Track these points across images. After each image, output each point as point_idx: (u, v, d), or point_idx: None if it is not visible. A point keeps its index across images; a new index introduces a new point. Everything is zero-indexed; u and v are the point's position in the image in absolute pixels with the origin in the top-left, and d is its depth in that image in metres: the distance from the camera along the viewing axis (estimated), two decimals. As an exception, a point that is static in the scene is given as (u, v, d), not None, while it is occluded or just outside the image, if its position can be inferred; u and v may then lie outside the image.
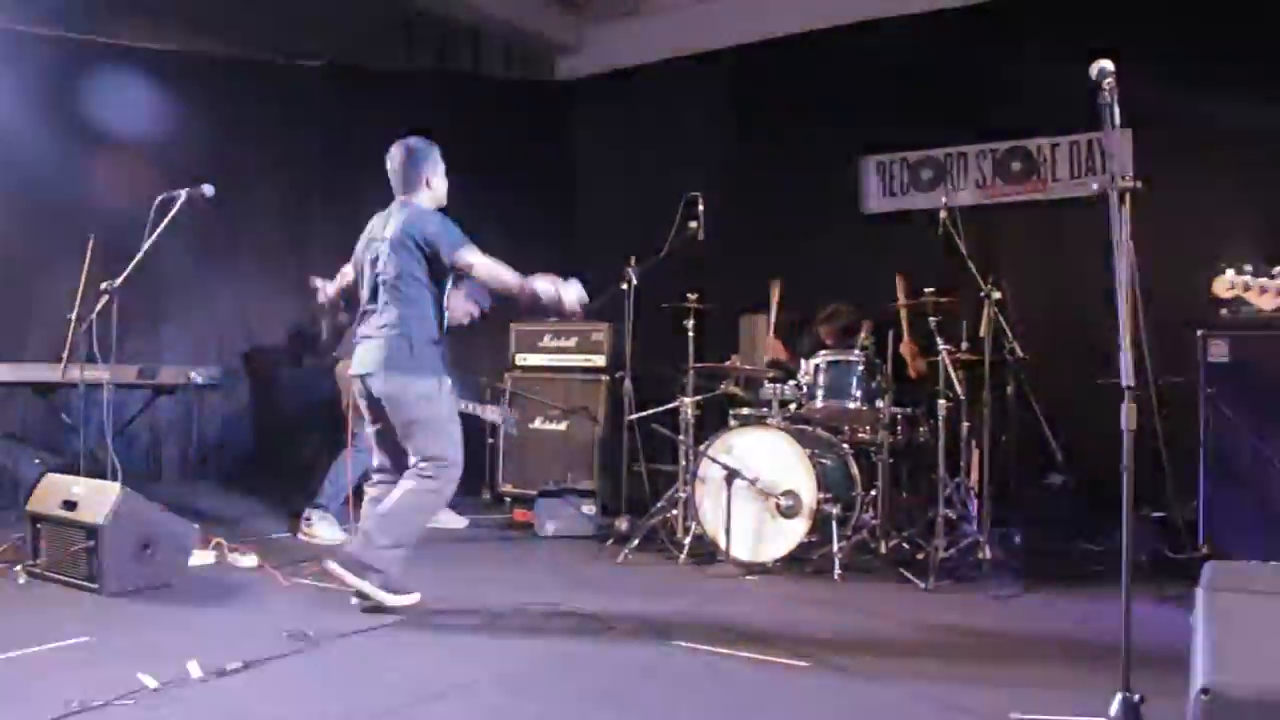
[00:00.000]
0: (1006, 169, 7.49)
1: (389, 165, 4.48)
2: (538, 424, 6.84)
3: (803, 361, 5.59)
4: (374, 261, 4.36)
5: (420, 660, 3.65)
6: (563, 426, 6.76)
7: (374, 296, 4.35)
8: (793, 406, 5.56)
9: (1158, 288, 5.04)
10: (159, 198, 4.99)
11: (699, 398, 5.75)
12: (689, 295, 5.81)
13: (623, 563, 5.35)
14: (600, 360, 6.77)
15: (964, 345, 5.40)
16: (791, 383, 5.57)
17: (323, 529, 5.84)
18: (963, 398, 5.27)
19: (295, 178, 7.83)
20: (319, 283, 4.78)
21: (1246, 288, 4.02)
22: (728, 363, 5.82)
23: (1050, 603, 4.66)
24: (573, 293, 4.25)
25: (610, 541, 5.68)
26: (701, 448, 5.38)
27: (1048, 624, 4.33)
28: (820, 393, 5.41)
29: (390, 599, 4.15)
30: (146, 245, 4.93)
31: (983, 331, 5.18)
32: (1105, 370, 5.67)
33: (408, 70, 8.44)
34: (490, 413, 6.54)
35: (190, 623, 4.07)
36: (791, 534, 5.10)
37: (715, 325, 6.35)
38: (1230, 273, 3.97)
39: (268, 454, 7.05)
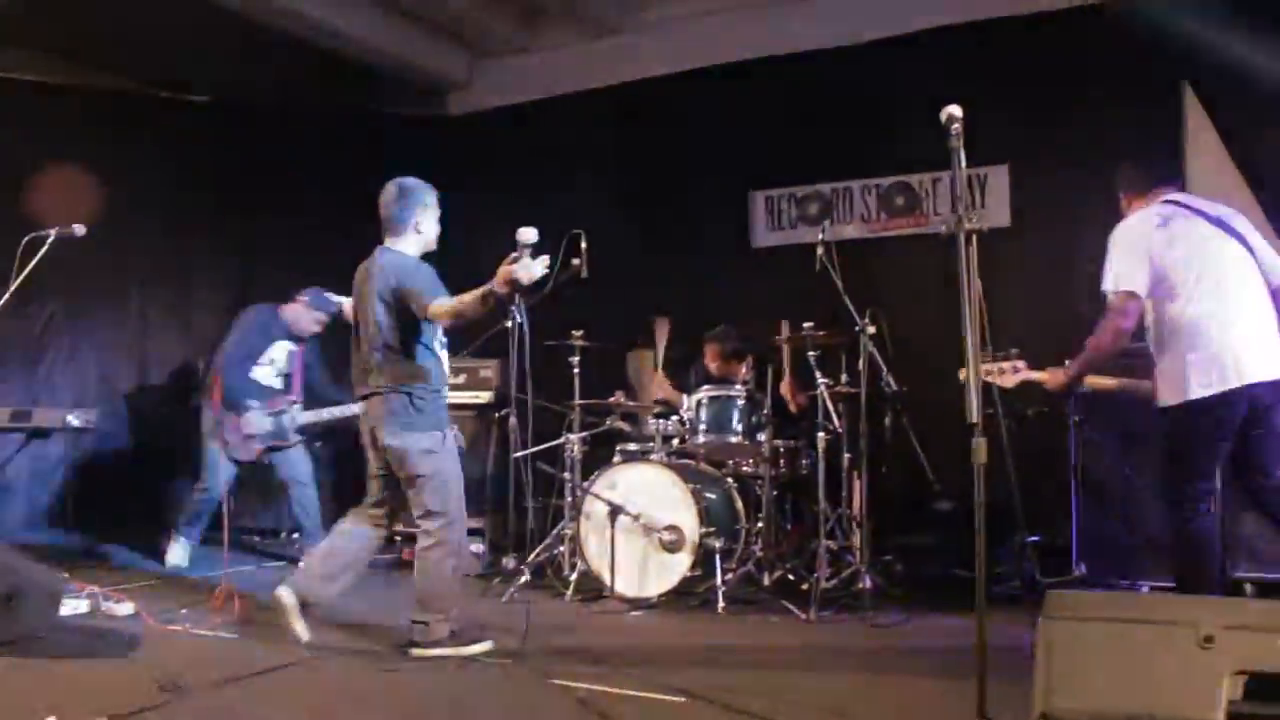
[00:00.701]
0: (890, 203, 7.69)
1: (380, 202, 4.49)
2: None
3: (685, 398, 5.66)
4: (362, 314, 4.38)
5: (298, 708, 3.59)
6: (453, 463, 6.71)
7: (369, 349, 4.33)
8: (676, 441, 5.62)
9: (1033, 318, 5.27)
10: (26, 237, 4.88)
11: (584, 434, 5.76)
12: (574, 332, 5.83)
13: (509, 601, 5.33)
14: (488, 396, 6.76)
15: (844, 379, 5.52)
16: (675, 418, 5.63)
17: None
18: (841, 430, 5.38)
19: (183, 216, 7.68)
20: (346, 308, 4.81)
21: (996, 376, 4.24)
22: (612, 399, 5.85)
23: (927, 630, 4.76)
24: (521, 269, 4.07)
25: (498, 579, 5.65)
26: (586, 484, 5.40)
27: (923, 651, 4.42)
28: (703, 427, 5.48)
29: (465, 651, 4.23)
30: (14, 285, 4.82)
31: (860, 365, 5.30)
32: (983, 401, 5.92)
33: (298, 106, 8.35)
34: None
35: (57, 676, 3.95)
36: (675, 568, 5.14)
37: (603, 361, 6.39)
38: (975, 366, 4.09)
39: (148, 497, 6.86)
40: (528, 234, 4.13)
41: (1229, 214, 4.17)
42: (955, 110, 3.18)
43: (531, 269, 4.05)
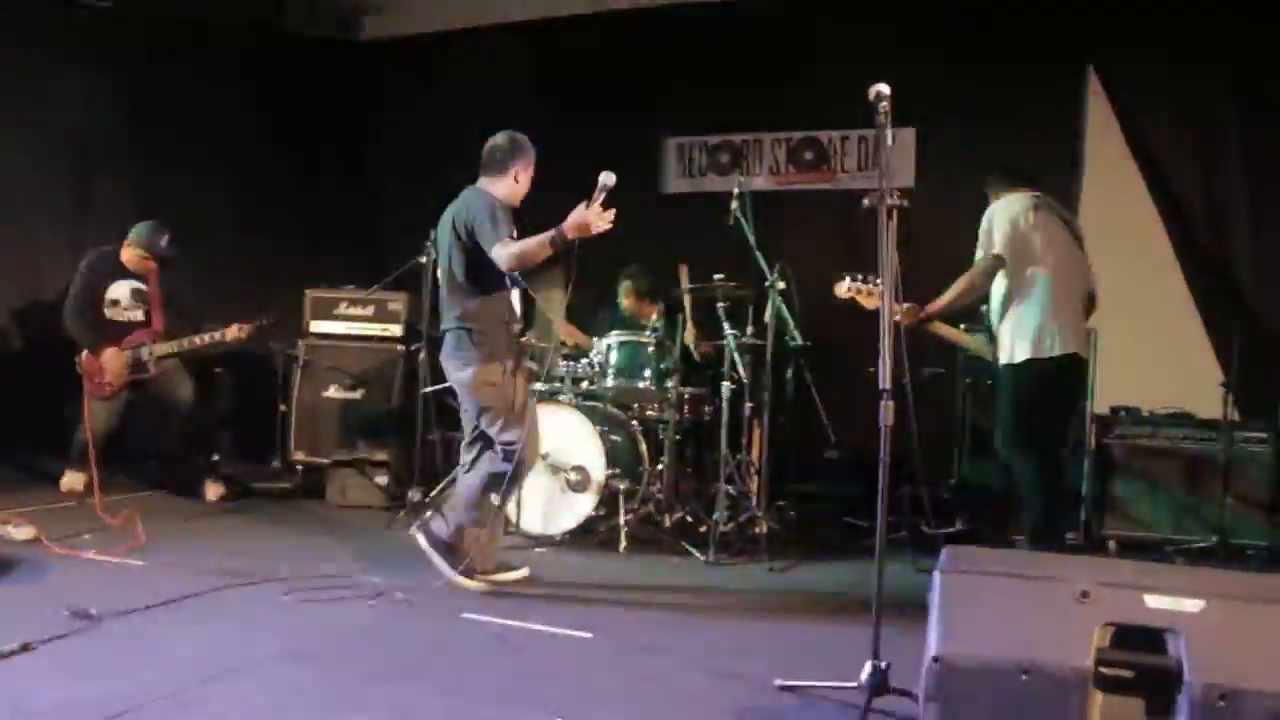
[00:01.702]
0: (800, 157, 7.86)
1: (488, 143, 4.54)
2: (331, 392, 6.76)
3: (595, 340, 5.76)
4: (442, 248, 4.48)
5: (209, 637, 3.60)
6: (357, 395, 6.71)
7: (442, 284, 4.47)
8: (585, 384, 5.72)
9: (933, 281, 5.49)
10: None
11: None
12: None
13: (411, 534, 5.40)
14: (397, 330, 6.74)
15: (749, 330, 5.68)
16: (584, 361, 5.73)
17: None
18: (745, 380, 5.56)
19: (83, 129, 7.39)
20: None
21: (858, 292, 4.72)
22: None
23: (819, 574, 5.01)
24: (596, 217, 4.13)
25: (403, 513, 5.71)
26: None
27: (816, 595, 4.67)
28: (612, 371, 5.59)
29: (464, 582, 4.32)
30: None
31: (766, 318, 5.46)
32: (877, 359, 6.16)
33: (204, 20, 8.06)
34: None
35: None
36: (580, 508, 5.28)
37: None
38: (846, 279, 4.71)
39: (44, 419, 6.69)
40: (608, 178, 4.15)
41: (1075, 221, 5.08)
42: (883, 88, 3.30)
43: (605, 218, 4.11)
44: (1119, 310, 6.39)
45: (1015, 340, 4.78)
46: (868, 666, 3.06)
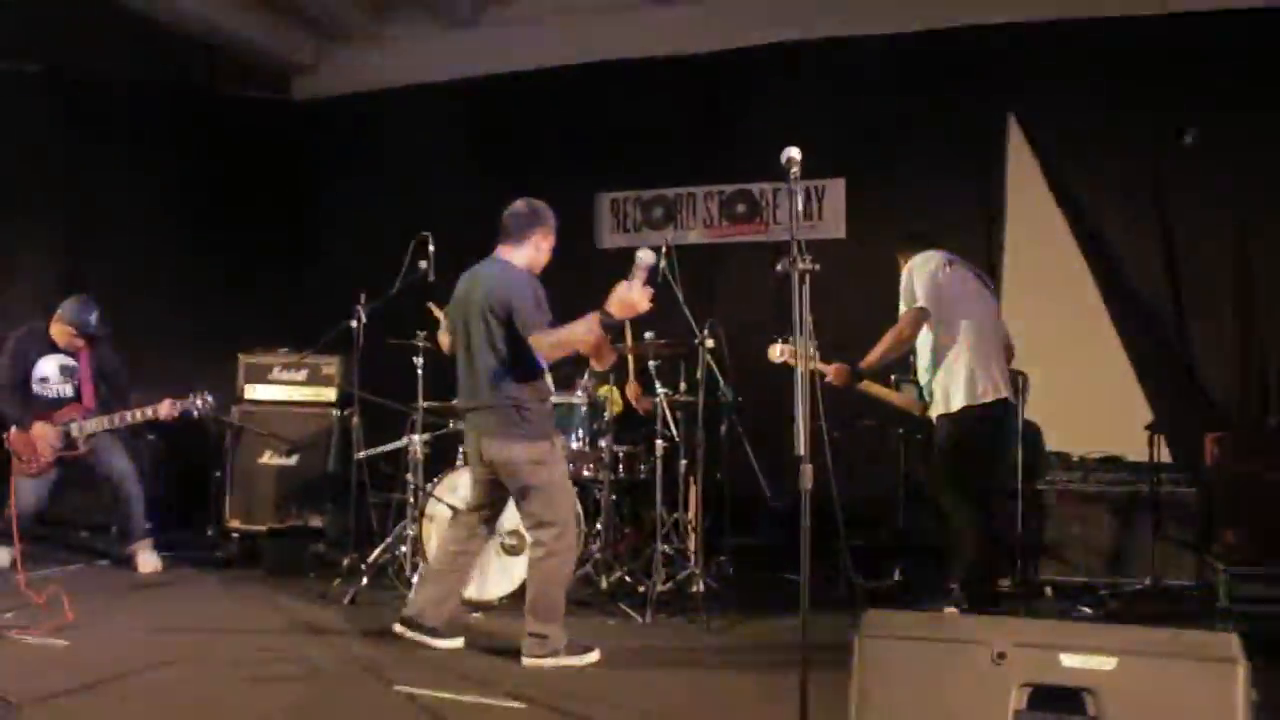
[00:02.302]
0: (732, 210, 7.94)
1: (507, 211, 4.52)
2: (266, 458, 6.69)
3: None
4: (466, 324, 4.35)
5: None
6: (292, 461, 6.64)
7: (475, 360, 4.33)
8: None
9: (860, 323, 5.56)
10: None
11: (427, 435, 5.78)
12: (420, 332, 5.82)
13: (350, 601, 5.34)
14: (331, 394, 6.70)
15: (682, 387, 5.70)
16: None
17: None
18: (678, 438, 5.57)
19: (6, 190, 7.30)
20: (441, 316, 4.88)
21: (792, 354, 4.82)
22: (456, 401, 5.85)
23: (757, 630, 4.98)
24: (627, 293, 4.08)
25: (338, 581, 5.62)
26: (428, 487, 5.44)
27: (752, 651, 4.65)
28: (544, 433, 5.57)
29: (579, 661, 4.29)
30: None
31: (699, 375, 5.48)
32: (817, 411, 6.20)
33: (135, 81, 8.01)
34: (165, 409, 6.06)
35: None
36: (517, 571, 5.23)
37: (451, 362, 6.38)
38: (779, 344, 4.86)
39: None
40: (648, 255, 4.15)
41: (985, 275, 5.33)
42: (794, 153, 3.34)
43: (646, 295, 4.06)
44: (1046, 355, 6.50)
45: (950, 390, 4.92)
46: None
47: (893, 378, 5.53)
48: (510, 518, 5.22)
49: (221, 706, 3.76)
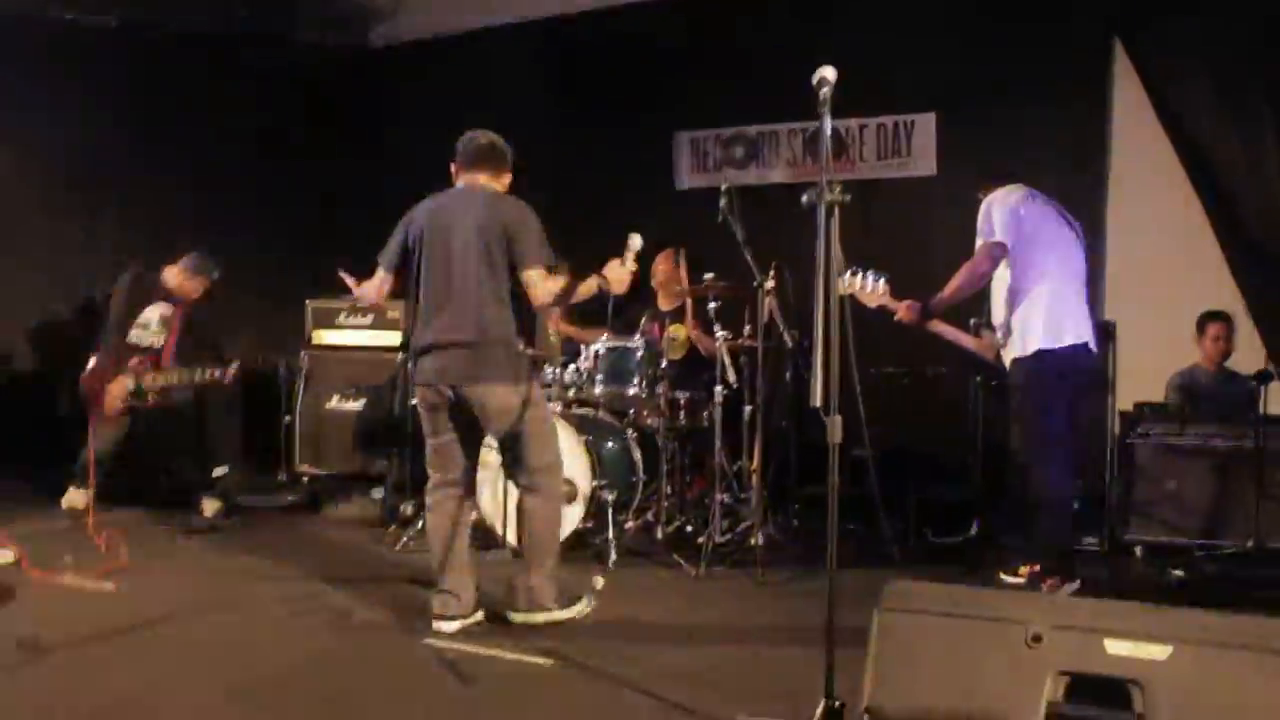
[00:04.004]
0: (817, 148, 7.56)
1: (467, 142, 4.11)
2: (334, 403, 6.65)
3: (583, 347, 5.56)
4: (446, 252, 3.91)
5: (150, 670, 3.50)
6: (358, 406, 6.59)
7: (447, 294, 3.90)
8: (572, 391, 5.52)
9: (951, 266, 5.21)
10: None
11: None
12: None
13: (402, 549, 5.26)
14: (396, 338, 6.60)
15: (746, 330, 5.43)
16: (572, 367, 5.53)
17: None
18: (735, 384, 5.32)
19: (91, 146, 7.35)
20: (352, 281, 4.30)
21: (857, 289, 4.49)
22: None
23: (812, 587, 4.71)
24: (621, 271, 4.00)
25: (393, 526, 5.56)
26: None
27: (801, 612, 4.36)
28: (600, 379, 5.40)
29: (568, 613, 4.04)
30: None
31: (760, 319, 5.21)
32: (885, 357, 5.88)
33: (211, 33, 7.98)
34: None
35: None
36: (567, 520, 5.07)
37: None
38: (847, 275, 4.50)
39: (39, 439, 6.67)
40: (637, 241, 4.07)
41: (1068, 214, 4.85)
42: (828, 73, 3.04)
43: (628, 279, 4.06)
44: (1151, 299, 6.06)
45: (1025, 332, 4.56)
46: (820, 705, 2.81)
47: (972, 322, 5.16)
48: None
49: (245, 654, 3.71)
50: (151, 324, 6.18)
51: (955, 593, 2.56)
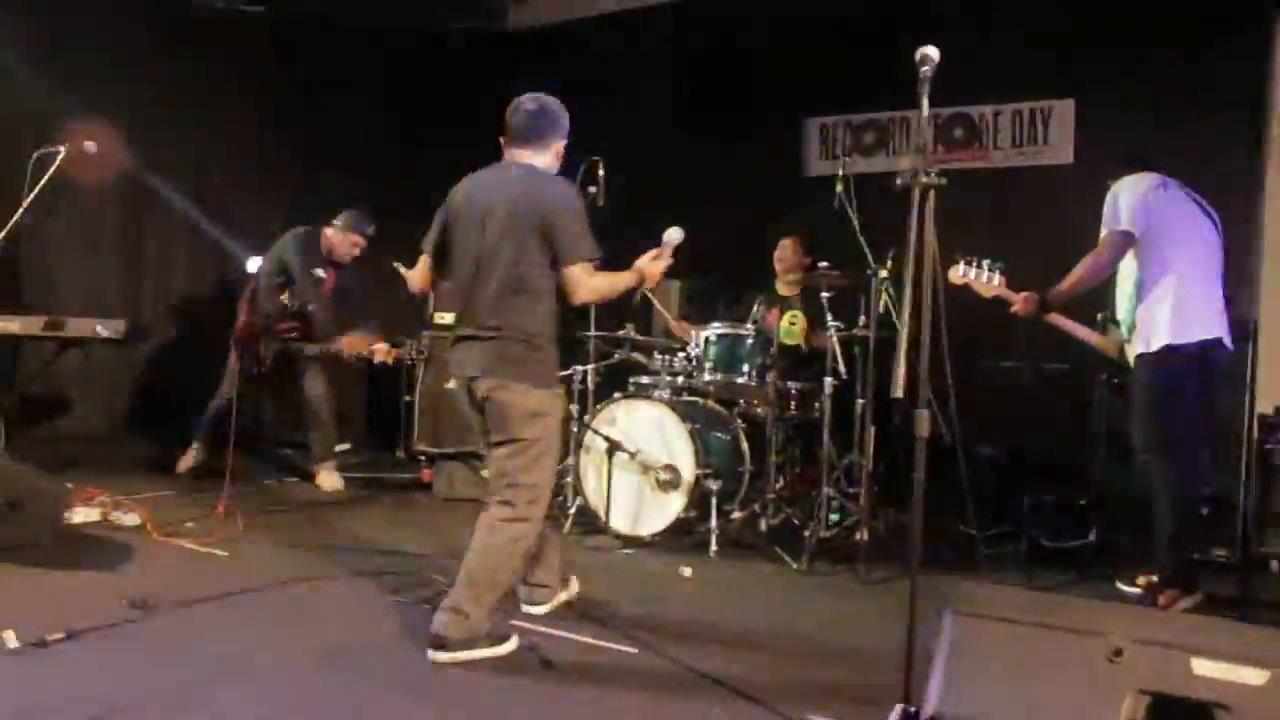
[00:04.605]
0: (950, 135, 7.33)
1: (511, 112, 3.68)
2: (452, 383, 6.73)
3: (694, 332, 5.50)
4: (479, 236, 3.54)
5: (249, 634, 3.61)
6: (475, 387, 6.66)
7: (473, 282, 3.56)
8: (681, 379, 5.47)
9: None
10: (36, 153, 4.91)
11: (589, 366, 5.63)
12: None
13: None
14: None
15: (861, 321, 5.29)
16: (681, 354, 5.48)
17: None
18: (844, 375, 5.20)
19: (232, 130, 7.67)
20: (404, 270, 4.04)
21: (974, 278, 4.26)
22: (621, 330, 5.67)
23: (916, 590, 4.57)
24: (654, 265, 3.69)
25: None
26: (586, 419, 5.32)
27: (896, 613, 4.20)
28: (709, 365, 5.34)
29: (496, 651, 3.49)
30: (26, 202, 4.89)
31: (874, 309, 5.07)
32: (1005, 351, 5.64)
33: (355, 21, 8.21)
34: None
35: (40, 586, 4.04)
36: (670, 508, 5.06)
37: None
38: (961, 264, 4.27)
39: (174, 410, 6.97)
40: (676, 234, 3.74)
41: (1207, 204, 4.53)
42: (932, 52, 2.92)
43: (661, 274, 3.76)
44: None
45: (1152, 327, 4.31)
46: (896, 711, 2.71)
47: (1099, 316, 4.90)
48: (663, 453, 5.05)
49: (333, 626, 3.78)
50: (302, 285, 6.28)
51: (1033, 599, 2.43)
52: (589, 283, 3.48)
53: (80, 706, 2.87)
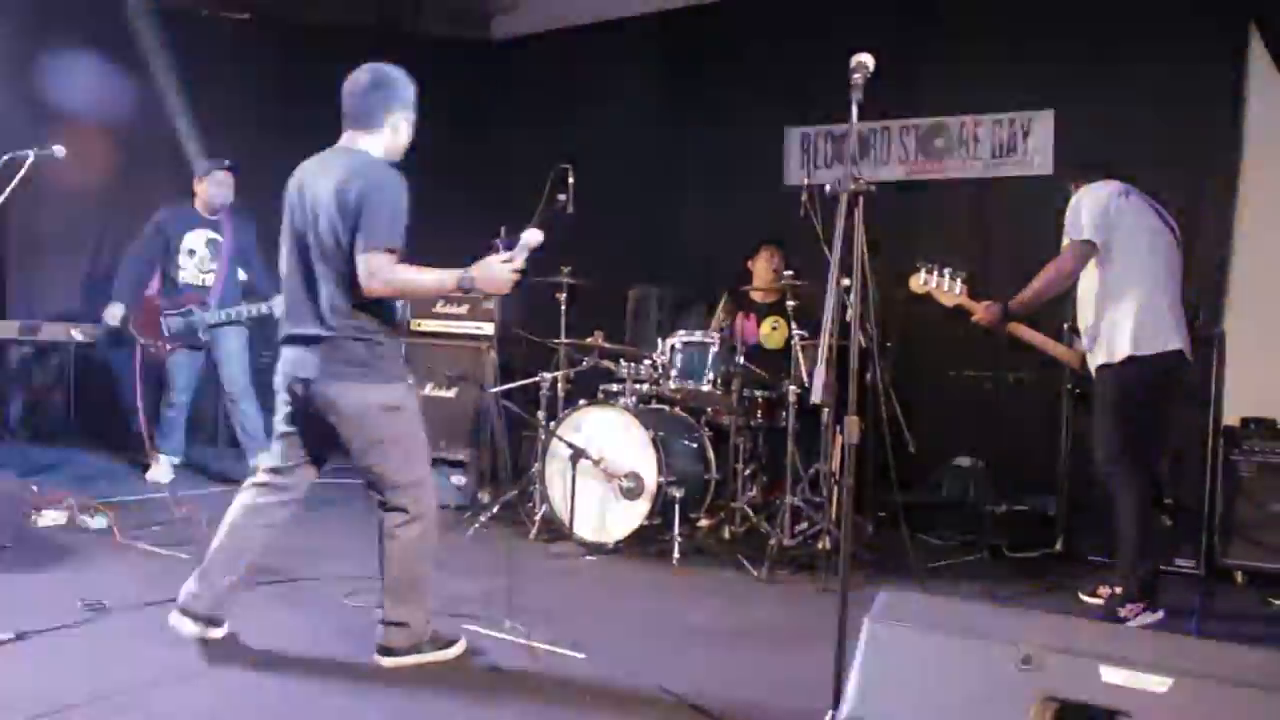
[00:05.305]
0: (929, 146, 7.33)
1: (348, 90, 3.54)
2: (429, 390, 6.76)
3: (659, 341, 5.51)
4: (303, 226, 3.40)
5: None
6: (451, 394, 6.68)
7: (308, 276, 3.38)
8: (646, 386, 5.48)
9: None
10: (4, 156, 4.92)
11: (557, 374, 5.65)
12: (563, 268, 5.69)
13: (473, 536, 5.32)
14: (489, 328, 6.64)
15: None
16: (647, 362, 5.49)
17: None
18: (808, 384, 5.19)
19: (216, 136, 7.68)
20: None
21: (934, 287, 4.26)
22: (590, 339, 5.68)
23: (871, 598, 4.56)
24: (500, 269, 3.38)
25: (469, 514, 5.63)
26: (552, 425, 5.32)
27: (851, 621, 4.23)
28: (674, 373, 5.34)
29: (443, 655, 3.51)
30: (-2, 203, 4.89)
31: (847, 317, 5.05)
32: (966, 360, 5.64)
33: (340, 26, 8.22)
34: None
35: (-2, 588, 4.04)
36: (633, 515, 5.06)
37: (595, 297, 6.18)
38: (922, 273, 4.27)
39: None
40: (535, 236, 3.43)
41: (1167, 213, 4.52)
42: (866, 59, 2.93)
43: (514, 279, 3.41)
44: (1274, 309, 5.67)
45: (1113, 338, 4.30)
46: (827, 716, 2.71)
47: (1065, 326, 4.91)
48: (627, 461, 5.05)
49: (284, 628, 3.79)
50: (198, 250, 6.30)
51: (952, 607, 2.43)
52: (384, 273, 3.21)
53: (19, 706, 2.88)
